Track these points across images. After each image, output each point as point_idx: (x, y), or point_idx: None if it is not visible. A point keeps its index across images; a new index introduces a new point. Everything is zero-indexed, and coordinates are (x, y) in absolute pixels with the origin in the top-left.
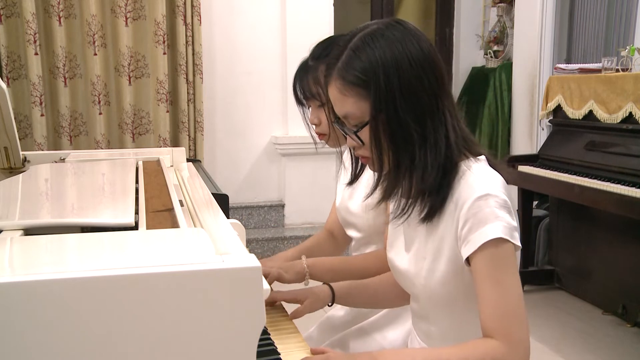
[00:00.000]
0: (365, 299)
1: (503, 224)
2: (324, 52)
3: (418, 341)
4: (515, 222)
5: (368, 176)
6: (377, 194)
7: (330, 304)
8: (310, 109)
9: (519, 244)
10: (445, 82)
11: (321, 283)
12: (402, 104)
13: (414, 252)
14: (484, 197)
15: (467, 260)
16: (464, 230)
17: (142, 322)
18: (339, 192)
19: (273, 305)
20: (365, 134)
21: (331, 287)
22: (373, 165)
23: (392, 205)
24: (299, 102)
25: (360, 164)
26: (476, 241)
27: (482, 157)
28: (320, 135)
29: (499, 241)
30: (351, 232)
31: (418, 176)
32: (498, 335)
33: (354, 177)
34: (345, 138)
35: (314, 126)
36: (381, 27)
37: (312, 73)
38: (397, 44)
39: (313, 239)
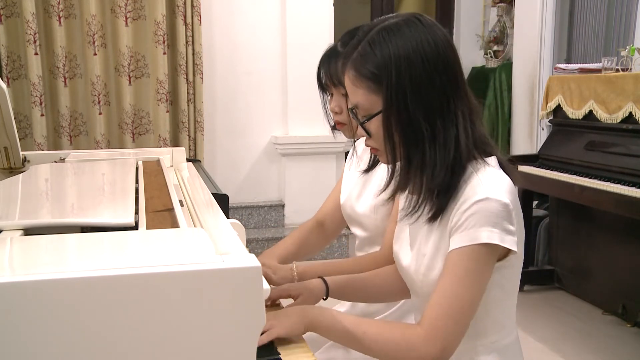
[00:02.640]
0: (360, 293)
1: (493, 229)
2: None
3: None
4: (512, 227)
5: (380, 176)
6: (390, 188)
7: (324, 297)
8: (331, 96)
9: (513, 248)
10: (461, 83)
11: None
12: (412, 101)
13: (416, 249)
14: (483, 200)
15: None
16: (455, 227)
17: (142, 322)
18: (345, 188)
19: (272, 304)
20: (372, 125)
21: (325, 281)
22: (383, 156)
23: (402, 202)
24: (321, 87)
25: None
26: (462, 240)
27: (493, 158)
28: (339, 124)
29: (482, 246)
30: (356, 230)
31: (428, 174)
32: (427, 324)
33: (371, 166)
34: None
35: (332, 114)
36: (400, 22)
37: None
38: (412, 41)
39: (302, 230)
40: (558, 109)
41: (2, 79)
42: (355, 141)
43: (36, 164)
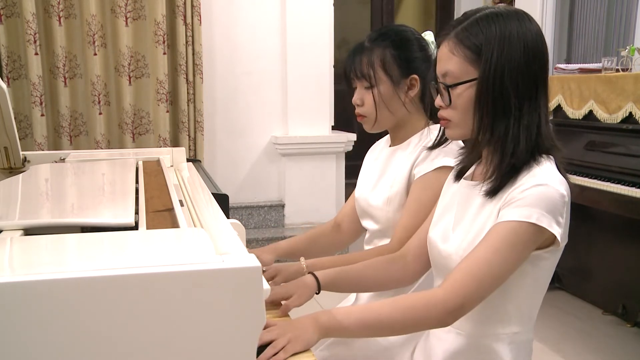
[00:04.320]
0: (353, 284)
1: (545, 213)
2: (381, 36)
3: None
4: (562, 220)
5: (396, 168)
6: (463, 155)
7: (317, 292)
8: (355, 90)
9: (557, 236)
10: (546, 80)
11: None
12: (508, 78)
13: (460, 229)
14: (543, 185)
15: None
16: (508, 203)
17: (142, 322)
18: (361, 182)
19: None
20: (457, 92)
21: (316, 277)
22: (453, 129)
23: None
24: (347, 80)
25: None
26: (512, 215)
27: (551, 158)
28: (360, 116)
29: (529, 225)
30: (367, 224)
31: (508, 150)
32: (448, 283)
33: (437, 144)
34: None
35: (355, 106)
36: (510, 11)
37: (367, 54)
38: (518, 28)
39: (316, 229)
40: (558, 109)
41: (2, 79)
42: (354, 144)
43: (36, 164)
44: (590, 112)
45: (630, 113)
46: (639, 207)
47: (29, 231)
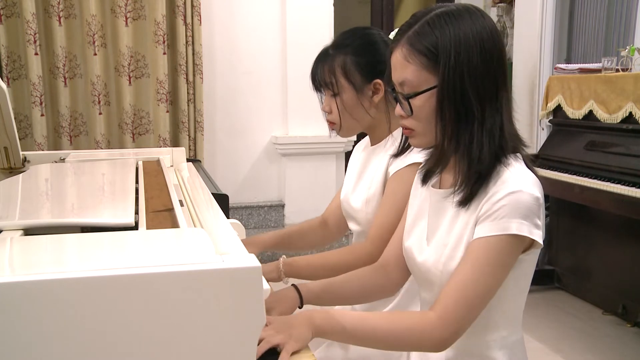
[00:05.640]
0: (338, 298)
1: (523, 221)
2: (345, 41)
3: None
4: (540, 221)
5: (373, 169)
6: (426, 167)
7: (300, 306)
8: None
9: (539, 240)
10: (506, 77)
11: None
12: (468, 82)
13: (435, 241)
14: (516, 192)
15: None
16: (484, 216)
17: (142, 322)
18: (345, 184)
19: None
20: (417, 102)
21: (298, 290)
22: (417, 138)
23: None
24: (315, 88)
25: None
26: (491, 229)
27: (519, 155)
28: (330, 123)
29: (509, 237)
30: (352, 225)
31: (475, 157)
32: (440, 309)
33: (401, 151)
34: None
35: (324, 114)
36: (461, 9)
37: (329, 62)
38: (473, 28)
39: (304, 224)
40: (558, 109)
41: (2, 79)
42: (355, 144)
43: (36, 164)
44: (590, 112)
45: (630, 113)
46: (639, 207)
47: (29, 231)
